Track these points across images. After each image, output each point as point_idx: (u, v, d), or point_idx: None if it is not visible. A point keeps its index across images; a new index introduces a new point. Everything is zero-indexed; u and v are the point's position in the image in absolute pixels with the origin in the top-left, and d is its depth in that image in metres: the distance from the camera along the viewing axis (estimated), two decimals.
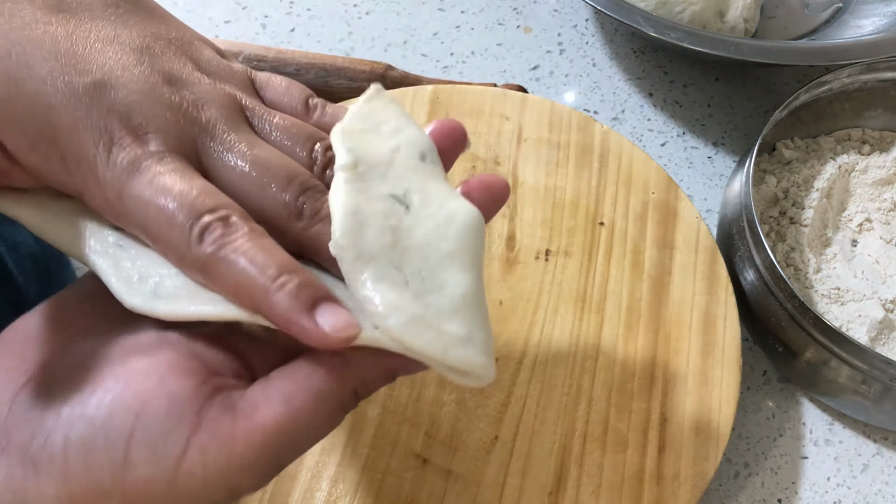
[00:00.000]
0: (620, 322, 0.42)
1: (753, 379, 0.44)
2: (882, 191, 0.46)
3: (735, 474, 0.41)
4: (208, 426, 0.20)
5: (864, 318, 0.42)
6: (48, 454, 0.20)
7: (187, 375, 0.21)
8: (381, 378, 0.23)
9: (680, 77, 0.55)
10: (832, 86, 0.46)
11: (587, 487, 0.37)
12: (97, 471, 0.20)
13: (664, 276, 0.43)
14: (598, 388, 0.40)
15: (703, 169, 0.51)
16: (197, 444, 0.20)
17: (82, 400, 0.20)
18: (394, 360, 0.23)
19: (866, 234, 0.46)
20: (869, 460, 0.42)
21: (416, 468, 0.38)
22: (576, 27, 0.57)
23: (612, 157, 0.46)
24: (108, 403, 0.20)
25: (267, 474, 0.21)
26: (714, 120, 0.53)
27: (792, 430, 0.43)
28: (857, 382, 0.39)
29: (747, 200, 0.41)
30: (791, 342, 0.40)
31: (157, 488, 0.20)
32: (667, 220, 0.45)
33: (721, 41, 0.46)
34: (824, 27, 0.56)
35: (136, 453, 0.20)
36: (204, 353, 0.22)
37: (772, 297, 0.40)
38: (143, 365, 0.21)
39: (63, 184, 0.22)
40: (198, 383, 0.21)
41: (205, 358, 0.22)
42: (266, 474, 0.21)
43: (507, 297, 0.42)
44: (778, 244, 0.44)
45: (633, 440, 0.39)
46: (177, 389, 0.20)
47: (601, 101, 0.54)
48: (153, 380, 0.20)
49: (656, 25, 0.46)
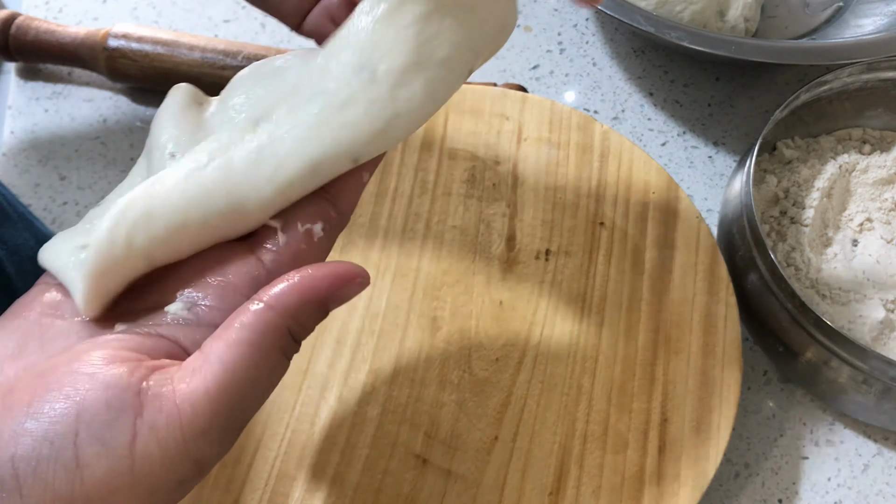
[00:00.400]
0: (620, 322, 0.42)
1: (754, 379, 0.44)
2: (883, 190, 0.46)
3: (736, 474, 0.41)
4: (151, 404, 0.20)
5: (864, 318, 0.42)
6: (0, 477, 0.19)
7: (119, 364, 0.21)
8: (313, 313, 0.23)
9: (680, 76, 0.55)
10: (833, 85, 0.46)
11: (587, 488, 0.37)
12: (51, 480, 0.19)
13: (664, 275, 0.43)
14: (598, 388, 0.40)
15: (704, 168, 0.51)
16: (145, 425, 0.20)
17: (19, 417, 0.20)
18: (319, 288, 0.22)
19: (867, 234, 0.45)
20: (870, 460, 0.42)
21: (416, 469, 0.37)
22: (576, 26, 0.57)
23: (612, 157, 0.46)
24: (45, 412, 0.20)
25: (224, 438, 0.21)
26: (714, 119, 0.53)
27: (792, 431, 0.43)
28: (858, 382, 0.39)
29: (748, 200, 0.41)
30: (792, 342, 0.40)
31: (119, 480, 0.20)
32: (667, 219, 0.45)
33: (721, 41, 0.46)
34: (825, 26, 0.56)
35: (87, 452, 0.19)
36: (134, 344, 0.22)
37: (772, 297, 0.40)
38: (74, 367, 0.21)
39: None
40: (131, 368, 0.21)
41: (135, 348, 0.22)
42: (223, 438, 0.21)
43: (507, 298, 0.42)
44: (778, 244, 0.44)
45: (633, 440, 0.38)
46: (111, 379, 0.20)
47: (601, 100, 0.54)
48: (85, 376, 0.20)
49: (657, 25, 0.46)
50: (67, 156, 0.50)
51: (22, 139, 0.51)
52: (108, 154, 0.50)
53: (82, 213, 0.48)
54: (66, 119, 0.51)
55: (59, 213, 0.48)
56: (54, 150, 0.50)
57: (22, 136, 0.51)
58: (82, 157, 0.50)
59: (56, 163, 0.50)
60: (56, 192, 0.49)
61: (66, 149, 0.50)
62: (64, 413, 0.20)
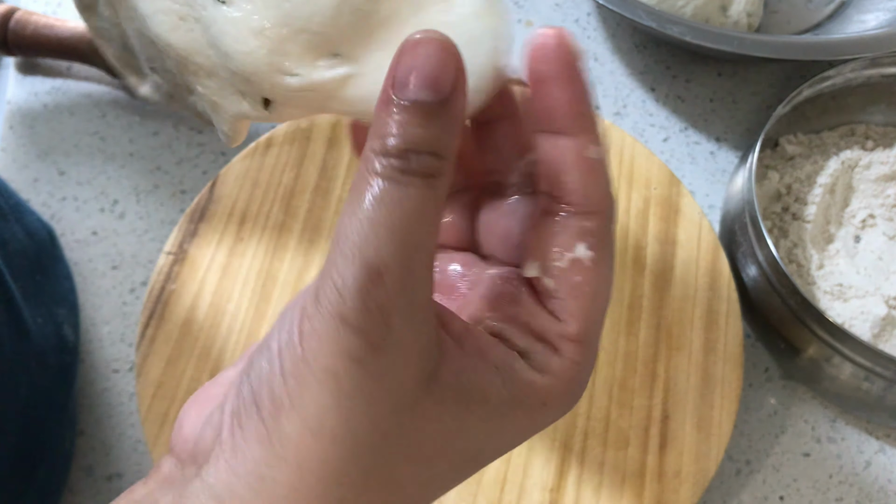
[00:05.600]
0: (622, 318, 0.41)
1: (755, 376, 0.44)
2: (885, 186, 0.46)
3: (737, 471, 0.41)
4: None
5: (866, 315, 0.42)
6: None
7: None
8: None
9: (682, 72, 0.55)
10: (835, 81, 0.46)
11: (588, 484, 0.37)
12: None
13: (666, 272, 0.43)
14: (599, 384, 0.40)
15: (706, 164, 0.51)
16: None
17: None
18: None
19: (869, 231, 0.45)
20: (871, 457, 0.42)
21: None
22: (577, 21, 0.57)
23: (613, 153, 0.46)
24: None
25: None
26: (717, 115, 0.53)
27: (794, 428, 0.43)
28: (860, 379, 0.39)
29: (750, 196, 0.41)
30: (793, 339, 0.40)
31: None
32: (669, 215, 0.44)
33: (724, 36, 0.45)
34: (827, 22, 0.56)
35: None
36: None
37: (774, 294, 0.40)
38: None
39: None
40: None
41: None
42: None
43: None
44: (780, 240, 0.44)
45: (634, 437, 0.38)
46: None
47: (603, 96, 0.54)
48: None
49: (659, 20, 0.46)
50: (66, 151, 0.50)
51: (21, 134, 0.50)
52: (107, 149, 0.50)
53: (81, 209, 0.48)
54: (65, 114, 0.51)
55: (58, 208, 0.48)
56: (53, 145, 0.50)
57: (21, 132, 0.50)
58: (81, 152, 0.50)
59: (55, 158, 0.49)
60: (55, 188, 0.48)
61: (65, 144, 0.50)
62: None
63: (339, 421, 0.17)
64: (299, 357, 0.17)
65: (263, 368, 0.18)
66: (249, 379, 0.19)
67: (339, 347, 0.17)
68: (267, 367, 0.18)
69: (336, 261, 0.17)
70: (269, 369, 0.18)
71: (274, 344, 0.18)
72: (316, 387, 0.17)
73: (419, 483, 0.19)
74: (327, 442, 0.17)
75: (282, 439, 0.17)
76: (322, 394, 0.17)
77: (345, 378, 0.17)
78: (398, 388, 0.18)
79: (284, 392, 0.18)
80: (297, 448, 0.17)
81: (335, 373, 0.17)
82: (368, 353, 0.17)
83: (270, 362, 0.18)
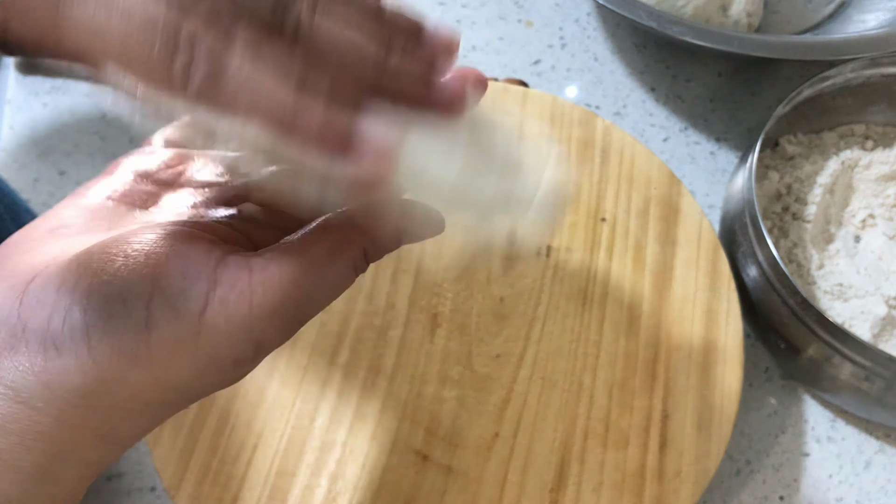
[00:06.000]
0: (622, 318, 0.41)
1: (755, 375, 0.44)
2: (885, 186, 0.46)
3: (737, 471, 0.41)
4: (226, 281, 0.21)
5: (866, 315, 0.42)
6: (69, 329, 0.20)
7: (199, 242, 0.22)
8: (389, 241, 0.25)
9: (682, 72, 0.55)
10: (835, 81, 0.46)
11: (588, 484, 0.37)
12: (119, 336, 0.20)
13: (666, 272, 0.43)
14: (599, 384, 0.40)
15: (706, 164, 0.51)
16: (216, 298, 0.21)
17: (96, 273, 0.21)
18: (402, 222, 0.24)
19: (869, 230, 0.45)
20: (871, 457, 0.42)
21: (416, 465, 0.37)
22: (577, 21, 0.57)
23: (613, 153, 0.46)
24: (123, 273, 0.20)
25: (287, 328, 0.22)
26: (717, 115, 0.53)
27: (794, 427, 0.43)
28: (860, 379, 0.39)
29: (750, 196, 0.41)
30: (793, 339, 0.40)
31: (183, 347, 0.20)
32: (669, 215, 0.44)
33: (724, 36, 0.45)
34: (827, 22, 0.56)
35: (158, 313, 0.20)
36: (212, 229, 0.23)
37: (774, 294, 0.40)
38: (153, 237, 0.21)
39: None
40: (209, 247, 0.22)
41: (213, 232, 0.23)
42: (286, 327, 0.22)
43: (509, 294, 0.42)
44: (780, 240, 0.44)
45: (634, 437, 0.38)
46: (190, 253, 0.21)
47: (603, 95, 0.54)
48: (165, 248, 0.21)
49: (659, 20, 0.46)
50: (66, 151, 0.50)
51: (21, 134, 0.50)
52: (108, 149, 0.50)
53: None
54: (65, 114, 0.51)
55: None
56: (53, 145, 0.50)
57: (21, 131, 0.50)
58: (81, 153, 0.50)
59: (55, 158, 0.49)
60: (55, 188, 0.48)
61: (66, 144, 0.50)
62: (141, 276, 0.20)
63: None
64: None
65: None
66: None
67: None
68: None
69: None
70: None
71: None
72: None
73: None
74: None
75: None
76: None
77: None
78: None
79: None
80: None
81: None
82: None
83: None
